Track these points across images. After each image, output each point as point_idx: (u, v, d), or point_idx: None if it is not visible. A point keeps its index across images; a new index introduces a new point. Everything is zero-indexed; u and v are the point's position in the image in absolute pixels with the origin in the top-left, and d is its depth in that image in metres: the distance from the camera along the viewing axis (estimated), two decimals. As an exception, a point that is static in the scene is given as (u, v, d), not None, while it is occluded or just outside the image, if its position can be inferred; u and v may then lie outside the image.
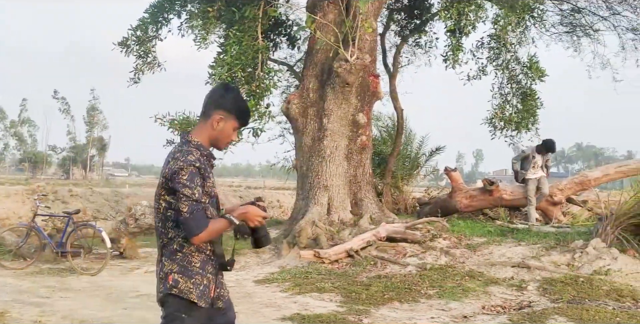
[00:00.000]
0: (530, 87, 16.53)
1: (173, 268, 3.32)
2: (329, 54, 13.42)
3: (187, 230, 3.20)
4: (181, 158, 3.24)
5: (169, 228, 3.34)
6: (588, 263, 9.60)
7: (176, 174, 3.22)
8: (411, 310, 8.01)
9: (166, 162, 3.33)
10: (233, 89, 3.56)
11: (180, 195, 3.20)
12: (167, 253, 3.35)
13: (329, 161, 13.27)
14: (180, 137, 3.49)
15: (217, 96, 3.44)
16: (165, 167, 3.31)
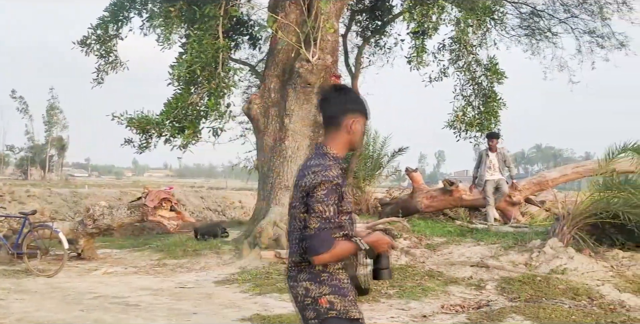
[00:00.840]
0: (491, 88, 16.70)
1: (324, 290, 3.11)
2: (291, 54, 13.39)
3: (309, 247, 3.05)
4: (322, 173, 3.09)
5: (304, 247, 3.14)
6: (545, 262, 9.72)
7: (314, 189, 3.07)
8: (371, 310, 8.01)
9: (301, 175, 3.19)
10: (346, 88, 3.41)
11: (311, 210, 3.05)
12: (308, 276, 3.15)
13: (291, 161, 13.23)
14: (315, 149, 3.32)
15: (339, 101, 3.27)
16: (302, 181, 3.15)
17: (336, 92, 3.31)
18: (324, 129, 3.33)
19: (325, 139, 3.31)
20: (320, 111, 3.36)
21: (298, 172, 3.27)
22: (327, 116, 3.31)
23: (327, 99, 3.31)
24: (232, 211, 22.29)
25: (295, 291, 3.19)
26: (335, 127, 3.26)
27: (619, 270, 9.54)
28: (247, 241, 12.08)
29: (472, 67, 16.84)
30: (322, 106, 3.33)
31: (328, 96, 3.33)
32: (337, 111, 3.26)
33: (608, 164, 11.01)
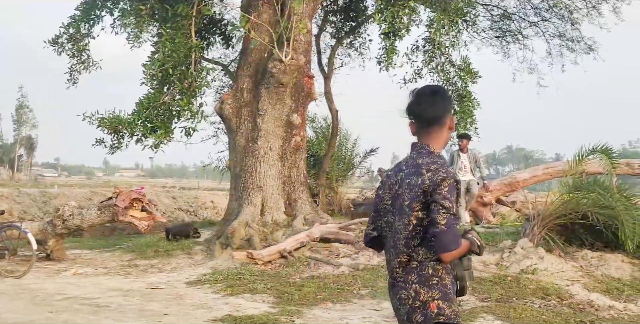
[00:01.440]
0: (465, 88, 16.79)
1: (434, 295, 3.08)
2: (264, 54, 13.35)
3: (440, 244, 3.00)
4: (442, 170, 3.11)
5: (414, 247, 3.12)
6: (516, 262, 9.80)
7: (438, 185, 3.06)
8: (344, 310, 8.03)
9: (412, 174, 3.18)
10: (443, 89, 3.44)
11: (438, 206, 3.02)
12: (418, 278, 3.11)
13: (263, 162, 13.20)
14: (415, 148, 3.30)
15: (442, 102, 3.29)
16: (417, 179, 3.13)
17: (437, 94, 3.32)
18: (422, 129, 3.30)
19: (425, 138, 3.30)
20: (418, 112, 3.30)
21: (403, 171, 3.25)
22: (430, 117, 3.29)
23: (429, 100, 3.29)
24: (204, 211, 22.17)
25: (404, 293, 3.13)
26: (439, 127, 3.29)
27: (588, 270, 9.65)
28: (219, 241, 12.02)
29: (445, 67, 16.92)
30: (424, 107, 3.29)
31: (430, 97, 3.30)
32: (441, 111, 3.28)
33: (578, 166, 11.13)
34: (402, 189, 3.20)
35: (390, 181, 3.31)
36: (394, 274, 3.20)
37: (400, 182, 3.22)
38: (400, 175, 3.25)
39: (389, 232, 3.28)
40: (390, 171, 3.42)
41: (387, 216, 3.29)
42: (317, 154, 18.41)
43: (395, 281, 3.20)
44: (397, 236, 3.20)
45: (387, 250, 3.29)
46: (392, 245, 3.23)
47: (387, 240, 3.30)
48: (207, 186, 42.91)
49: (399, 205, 3.21)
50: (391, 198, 3.27)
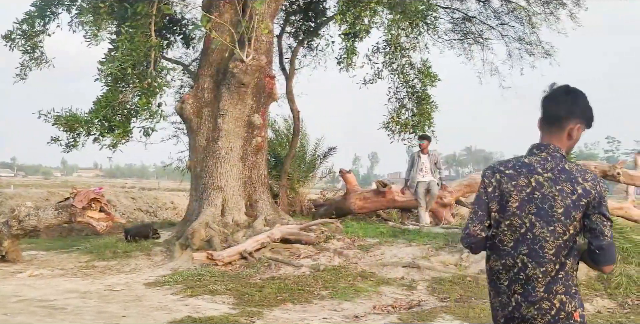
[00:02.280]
0: (424, 91, 16.90)
1: (576, 304, 3.03)
2: (225, 54, 13.28)
3: (606, 256, 2.97)
4: (599, 180, 3.02)
5: (563, 257, 3.01)
6: (475, 262, 9.91)
7: (603, 198, 2.99)
8: (304, 311, 8.02)
9: (570, 181, 3.03)
10: (578, 92, 3.22)
11: (605, 219, 2.96)
12: (563, 289, 3.02)
13: (224, 162, 13.13)
14: (547, 149, 3.14)
15: (576, 104, 3.15)
16: (574, 187, 3.01)
17: (572, 94, 3.19)
18: (549, 130, 3.18)
19: (552, 139, 3.17)
20: (552, 111, 3.18)
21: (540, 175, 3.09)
22: (560, 118, 3.16)
23: (564, 99, 3.17)
24: (164, 212, 21.94)
25: (547, 303, 3.02)
26: (563, 130, 3.16)
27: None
28: (179, 242, 11.91)
29: (405, 70, 17.01)
30: (558, 106, 3.17)
31: (565, 97, 3.18)
32: (572, 115, 3.15)
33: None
34: (549, 195, 3.05)
35: (516, 182, 3.11)
36: (532, 283, 3.05)
37: (539, 187, 3.07)
38: (537, 178, 3.08)
39: (510, 237, 3.11)
40: (506, 169, 3.17)
41: (511, 220, 3.10)
42: (279, 154, 18.37)
43: (532, 290, 3.05)
44: (539, 244, 3.04)
45: (511, 255, 3.11)
46: (526, 252, 3.06)
47: (506, 244, 3.12)
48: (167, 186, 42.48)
49: (543, 211, 3.04)
50: (520, 201, 3.09)
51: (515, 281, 3.08)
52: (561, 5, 17.98)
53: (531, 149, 3.19)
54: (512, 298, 3.09)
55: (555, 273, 3.02)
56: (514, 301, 3.08)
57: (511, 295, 3.09)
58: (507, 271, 3.12)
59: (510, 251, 3.10)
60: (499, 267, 3.15)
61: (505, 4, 18.69)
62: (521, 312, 3.06)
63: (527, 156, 3.16)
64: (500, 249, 3.14)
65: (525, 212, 3.06)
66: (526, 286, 3.05)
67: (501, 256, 3.14)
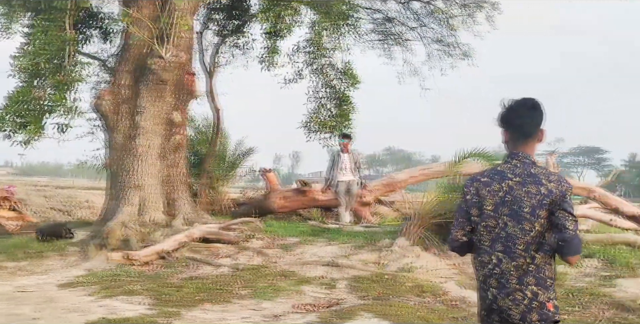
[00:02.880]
0: (344, 92, 17.00)
1: (551, 295, 3.34)
2: (144, 50, 13.02)
3: (571, 248, 3.26)
4: (564, 180, 3.43)
5: (533, 251, 3.33)
6: (394, 260, 10.03)
7: (565, 196, 3.34)
8: (223, 311, 7.93)
9: (536, 183, 3.39)
10: (538, 102, 3.58)
11: (567, 214, 3.26)
12: (535, 281, 3.33)
13: (142, 160, 12.87)
14: (518, 157, 3.51)
15: (540, 114, 3.53)
16: (539, 188, 3.37)
17: (534, 107, 3.54)
18: (520, 140, 3.53)
19: (523, 148, 3.53)
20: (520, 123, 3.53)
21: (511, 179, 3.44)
22: (530, 130, 3.53)
23: (528, 113, 3.53)
24: (80, 211, 21.29)
25: (520, 294, 3.33)
26: (532, 139, 3.53)
27: (462, 268, 10.00)
28: (95, 242, 11.60)
29: (326, 70, 17.06)
30: (525, 120, 3.53)
31: (530, 111, 3.53)
32: (538, 124, 3.53)
33: (455, 167, 11.53)
34: (517, 197, 3.40)
35: (490, 188, 3.46)
36: (506, 276, 3.36)
37: (510, 190, 3.42)
38: (508, 183, 3.44)
39: (487, 236, 3.44)
40: (482, 178, 3.54)
41: (487, 221, 3.44)
42: (199, 153, 18.12)
43: (506, 283, 3.36)
44: (512, 241, 3.37)
45: (488, 253, 3.43)
46: (501, 249, 3.38)
47: (484, 243, 3.44)
48: (83, 184, 41.39)
49: (513, 211, 3.39)
50: (494, 204, 3.43)
51: (491, 276, 3.41)
52: (479, 8, 18.40)
53: (504, 158, 3.59)
54: (489, 292, 3.41)
55: (526, 267, 3.34)
56: (490, 295, 3.41)
57: (487, 289, 3.42)
58: (483, 267, 3.46)
59: (487, 249, 3.43)
60: (478, 264, 3.51)
61: (425, 6, 18.99)
62: (498, 303, 3.37)
63: (502, 165, 3.57)
64: (480, 248, 3.47)
65: (499, 213, 3.42)
66: (500, 280, 3.37)
67: (480, 254, 3.48)
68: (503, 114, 3.56)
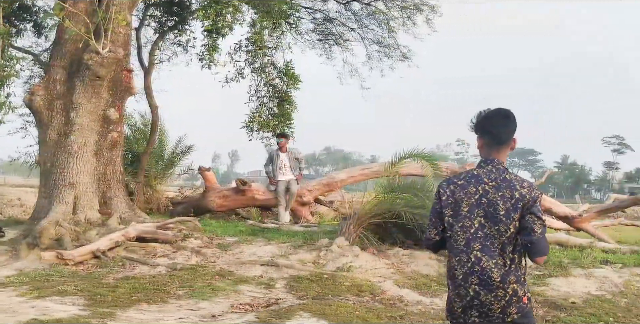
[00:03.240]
0: (285, 91, 16.99)
1: (525, 290, 3.65)
2: (79, 45, 12.71)
3: (537, 249, 3.57)
4: (534, 187, 3.68)
5: (510, 252, 3.60)
6: (332, 260, 10.04)
7: (536, 201, 3.61)
8: (159, 311, 7.79)
9: (510, 188, 3.64)
10: (510, 111, 3.87)
11: (536, 218, 3.57)
12: (515, 278, 3.59)
13: (77, 157, 12.58)
14: (492, 163, 3.77)
15: (513, 123, 3.80)
16: (514, 192, 3.62)
17: (508, 117, 3.82)
18: (493, 147, 3.81)
19: (496, 155, 3.82)
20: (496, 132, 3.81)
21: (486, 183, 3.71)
22: (503, 137, 3.82)
23: (504, 122, 3.81)
24: (10, 209, 20.72)
25: (502, 292, 3.58)
26: (506, 146, 3.82)
27: (399, 267, 10.11)
28: (26, 241, 11.24)
29: (267, 69, 17.02)
30: (499, 128, 3.81)
31: (506, 120, 3.82)
32: (511, 133, 3.81)
33: (394, 168, 11.63)
34: (493, 200, 3.66)
35: (466, 190, 3.72)
36: (487, 273, 3.60)
37: (486, 193, 3.68)
38: (484, 186, 3.70)
39: (462, 236, 3.69)
40: (459, 180, 3.80)
41: (463, 222, 3.69)
42: (136, 150, 17.84)
43: (489, 280, 3.59)
44: (490, 241, 3.63)
45: (465, 252, 3.67)
46: (479, 248, 3.64)
47: (459, 243, 3.70)
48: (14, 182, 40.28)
49: (489, 213, 3.65)
50: (469, 206, 3.69)
51: (472, 274, 3.63)
52: (418, 11, 18.65)
53: (479, 163, 3.84)
54: (470, 289, 3.63)
55: (506, 265, 3.61)
56: (472, 291, 3.63)
57: (469, 286, 3.64)
58: (462, 266, 3.67)
59: (463, 248, 3.68)
60: (455, 263, 3.72)
61: (365, 7, 19.16)
62: (480, 299, 3.61)
63: (476, 169, 3.82)
64: (454, 247, 3.72)
65: (475, 215, 3.68)
66: (482, 277, 3.60)
67: (456, 254, 3.72)
68: (479, 122, 3.84)
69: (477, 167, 3.83)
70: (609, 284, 9.59)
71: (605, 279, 9.75)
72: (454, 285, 3.72)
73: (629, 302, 8.97)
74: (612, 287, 9.51)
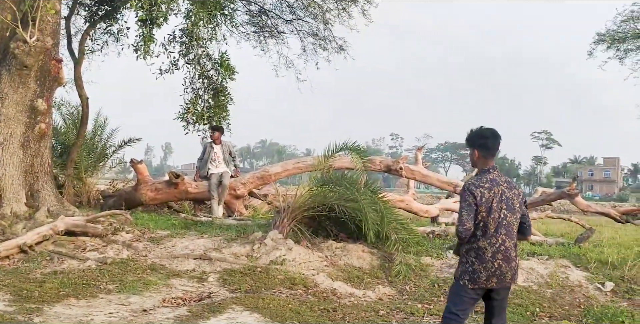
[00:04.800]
0: (221, 83, 16.82)
1: (517, 260, 5.29)
2: (5, 33, 12.33)
3: (529, 230, 5.40)
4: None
5: (515, 235, 5.22)
6: (266, 253, 10.02)
7: (525, 197, 5.40)
8: (88, 306, 7.64)
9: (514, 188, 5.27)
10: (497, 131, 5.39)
11: (527, 211, 5.37)
12: (516, 253, 5.24)
13: (2, 149, 12.19)
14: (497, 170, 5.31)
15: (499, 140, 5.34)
16: (517, 191, 5.26)
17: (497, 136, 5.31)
18: (490, 158, 5.31)
19: (492, 162, 5.32)
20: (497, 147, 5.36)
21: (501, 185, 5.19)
22: (496, 152, 5.38)
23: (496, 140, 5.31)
24: None
25: (514, 263, 5.18)
26: (494, 156, 5.35)
27: (333, 260, 10.16)
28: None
29: (202, 60, 16.82)
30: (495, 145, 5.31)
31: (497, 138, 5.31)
32: (498, 147, 5.37)
33: (327, 161, 11.66)
34: (509, 196, 5.18)
35: (493, 192, 5.11)
36: (509, 252, 5.12)
37: (503, 193, 5.15)
38: (501, 187, 5.16)
39: (493, 225, 5.08)
40: (485, 184, 5.14)
41: (494, 214, 5.07)
42: (65, 142, 17.39)
43: (509, 255, 5.12)
44: (510, 227, 5.15)
45: (494, 236, 5.08)
46: (505, 233, 5.10)
47: (491, 230, 5.08)
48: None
49: (508, 207, 5.15)
50: (497, 202, 5.10)
51: (498, 252, 5.08)
52: (353, 2, 18.69)
53: (487, 170, 5.24)
54: (496, 263, 5.08)
55: (516, 245, 5.23)
56: (496, 264, 5.08)
57: (494, 261, 5.07)
58: (492, 246, 5.08)
59: (493, 233, 5.09)
60: (486, 245, 5.08)
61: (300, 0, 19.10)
62: (502, 270, 5.09)
63: (488, 174, 5.22)
64: (487, 233, 5.08)
65: (500, 208, 5.10)
66: (506, 254, 5.10)
67: (487, 237, 5.08)
68: (475, 138, 5.29)
69: (487, 173, 5.21)
70: (535, 276, 9.87)
71: (531, 270, 10.02)
72: (480, 260, 5.07)
73: (555, 293, 9.28)
74: (538, 278, 9.80)
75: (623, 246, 12.25)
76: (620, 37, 31.76)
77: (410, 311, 8.18)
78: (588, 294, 9.33)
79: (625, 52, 32.22)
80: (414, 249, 10.72)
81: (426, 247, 11.12)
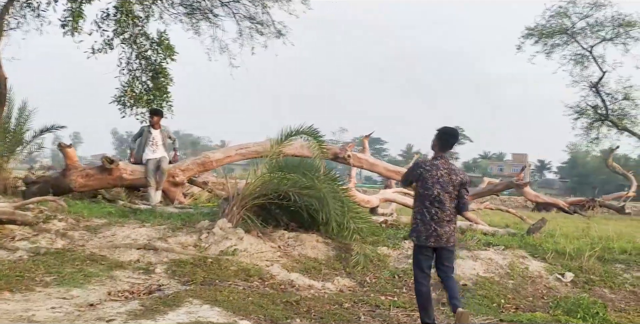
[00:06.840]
0: (159, 64, 15.94)
1: (455, 229, 6.79)
2: None
3: (463, 208, 6.81)
4: (465, 173, 6.87)
5: (452, 209, 6.69)
6: (215, 243, 9.44)
7: (467, 181, 6.82)
8: (26, 300, 6.87)
9: (453, 172, 6.74)
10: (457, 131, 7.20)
11: (465, 191, 6.80)
12: (452, 225, 6.71)
13: None
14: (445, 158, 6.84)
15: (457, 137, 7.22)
16: (457, 176, 6.72)
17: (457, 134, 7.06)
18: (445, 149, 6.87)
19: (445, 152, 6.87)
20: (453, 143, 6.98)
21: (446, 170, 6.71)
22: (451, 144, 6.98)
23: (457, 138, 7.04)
24: None
25: (445, 230, 6.60)
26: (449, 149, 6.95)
27: (286, 250, 9.70)
28: None
29: (139, 40, 15.89)
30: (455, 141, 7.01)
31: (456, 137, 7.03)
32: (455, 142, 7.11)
33: (279, 146, 11.10)
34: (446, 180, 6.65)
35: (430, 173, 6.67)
36: (442, 220, 6.60)
37: (441, 176, 6.65)
38: (440, 172, 6.66)
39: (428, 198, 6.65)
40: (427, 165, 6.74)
41: (428, 191, 6.65)
42: (-19, 126, 16.16)
43: (442, 222, 6.59)
44: (443, 202, 6.63)
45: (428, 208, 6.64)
46: (438, 206, 6.61)
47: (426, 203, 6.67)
48: None
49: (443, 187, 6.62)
50: (432, 182, 6.63)
51: (432, 220, 6.62)
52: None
53: (437, 157, 6.78)
54: (431, 227, 6.59)
55: (451, 216, 6.67)
56: (432, 228, 6.59)
57: (431, 225, 6.60)
58: (429, 214, 6.63)
59: (429, 205, 6.65)
60: (425, 212, 6.64)
61: (236, -19, 18.34)
62: (437, 232, 6.58)
63: (435, 160, 6.76)
64: (425, 204, 6.69)
65: (434, 187, 6.64)
66: (439, 222, 6.60)
67: (426, 207, 6.67)
68: (444, 136, 6.83)
69: (435, 160, 6.78)
70: (495, 266, 9.68)
71: (490, 261, 9.83)
72: (422, 223, 6.63)
73: (517, 283, 9.12)
74: (498, 269, 9.61)
75: (570, 237, 12.23)
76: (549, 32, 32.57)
77: (375, 304, 7.85)
78: (549, 285, 9.21)
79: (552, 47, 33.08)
80: (370, 239, 10.35)
81: (382, 237, 10.78)
